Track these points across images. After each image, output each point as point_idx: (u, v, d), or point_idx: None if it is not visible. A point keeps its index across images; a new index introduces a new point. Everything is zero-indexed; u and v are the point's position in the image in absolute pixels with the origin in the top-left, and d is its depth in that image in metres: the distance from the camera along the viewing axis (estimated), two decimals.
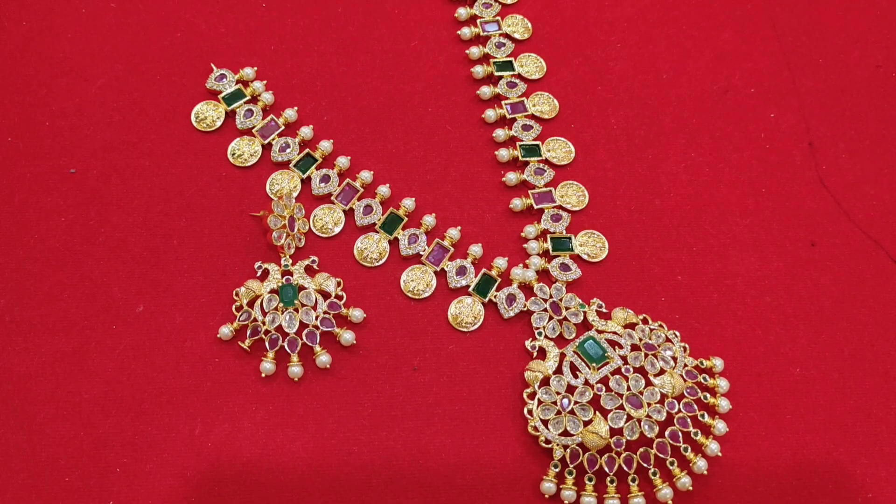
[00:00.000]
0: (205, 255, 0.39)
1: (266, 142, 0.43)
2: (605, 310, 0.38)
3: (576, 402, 0.34)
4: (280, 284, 0.37)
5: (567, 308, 0.38)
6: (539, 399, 0.35)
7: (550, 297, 0.38)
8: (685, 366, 0.36)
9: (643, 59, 0.47)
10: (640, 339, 0.36)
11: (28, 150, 0.42)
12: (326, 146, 0.42)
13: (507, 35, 0.48)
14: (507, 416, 0.36)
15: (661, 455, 0.34)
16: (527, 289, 0.39)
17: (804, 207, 0.42)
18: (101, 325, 0.37)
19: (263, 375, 0.36)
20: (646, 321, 0.38)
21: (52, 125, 0.43)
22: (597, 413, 0.34)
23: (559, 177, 0.43)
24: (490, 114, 0.44)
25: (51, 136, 0.42)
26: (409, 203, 0.41)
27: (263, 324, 0.37)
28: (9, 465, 0.34)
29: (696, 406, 0.35)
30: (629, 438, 0.34)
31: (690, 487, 0.34)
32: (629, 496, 0.34)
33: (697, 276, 0.40)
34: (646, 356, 0.35)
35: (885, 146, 0.44)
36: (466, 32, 0.47)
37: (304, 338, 0.37)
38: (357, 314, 0.37)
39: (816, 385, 0.37)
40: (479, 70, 0.45)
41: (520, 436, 0.35)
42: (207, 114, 0.43)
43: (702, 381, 0.36)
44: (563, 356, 0.36)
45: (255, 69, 0.45)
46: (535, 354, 0.37)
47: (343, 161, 0.42)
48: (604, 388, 0.35)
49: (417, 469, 0.35)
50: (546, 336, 0.37)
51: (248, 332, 0.37)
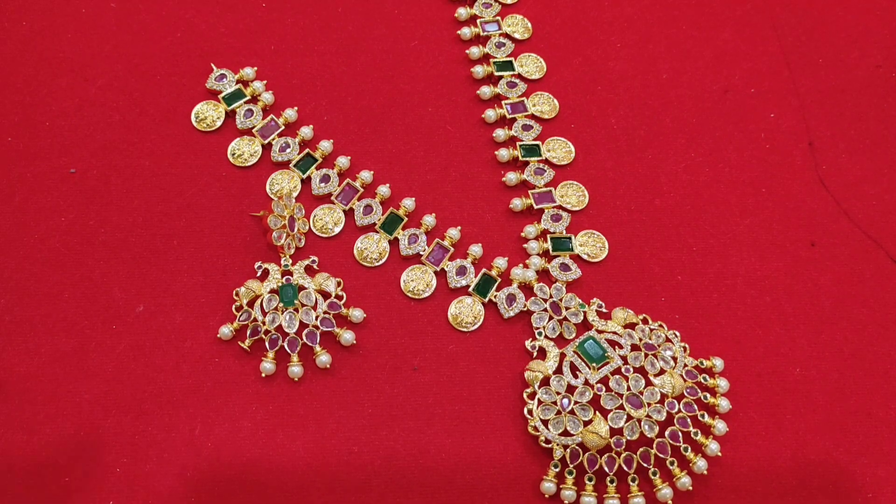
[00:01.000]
0: (205, 255, 0.39)
1: (266, 142, 0.43)
2: (605, 310, 0.38)
3: (576, 402, 0.34)
4: (280, 284, 0.37)
5: (567, 308, 0.38)
6: (539, 399, 0.35)
7: (550, 297, 0.38)
8: (685, 366, 0.36)
9: (643, 59, 0.47)
10: (640, 339, 0.36)
11: (28, 150, 0.42)
12: (326, 146, 0.42)
13: (507, 35, 0.48)
14: (508, 416, 0.36)
15: (661, 455, 0.34)
16: (527, 289, 0.39)
17: (804, 207, 0.42)
18: (101, 325, 0.37)
19: (263, 375, 0.36)
20: (646, 321, 0.38)
21: (52, 125, 0.43)
22: (597, 413, 0.34)
23: (559, 177, 0.43)
24: (490, 114, 0.44)
25: (51, 136, 0.42)
26: (409, 203, 0.41)
27: (263, 324, 0.37)
28: (9, 465, 0.34)
29: (696, 406, 0.35)
30: (629, 438, 0.34)
31: (690, 487, 0.34)
32: (629, 496, 0.34)
33: (697, 276, 0.40)
34: (646, 356, 0.35)
35: (885, 146, 0.44)
36: (466, 32, 0.47)
37: (304, 338, 0.37)
38: (357, 314, 0.37)
39: (816, 385, 0.37)
40: (479, 70, 0.45)
41: (520, 436, 0.35)
42: (207, 114, 0.43)
43: (702, 381, 0.36)
44: (563, 356, 0.36)
45: (255, 69, 0.45)
46: (535, 354, 0.37)
47: (343, 161, 0.42)
48: (604, 388, 0.35)
49: (417, 469, 0.35)
50: (546, 336, 0.37)
51: (249, 332, 0.37)
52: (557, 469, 0.34)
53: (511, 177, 0.42)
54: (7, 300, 0.38)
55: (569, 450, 0.34)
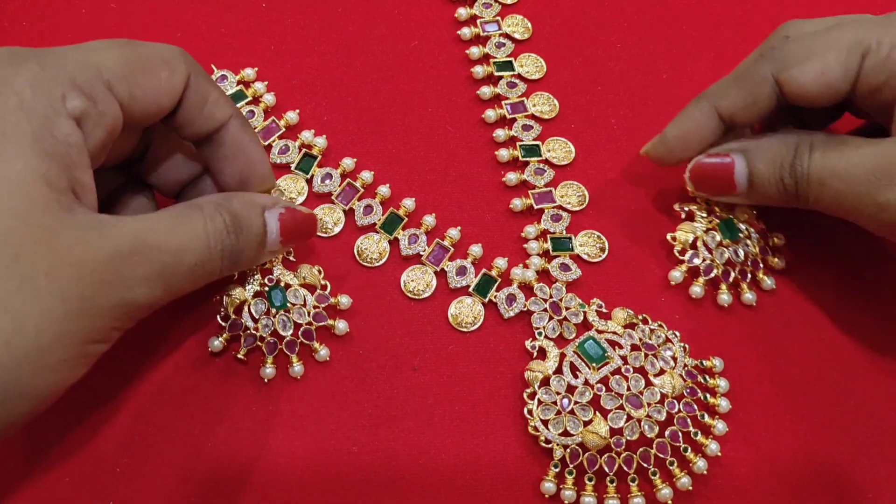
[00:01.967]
0: None
1: (266, 143, 0.43)
2: (605, 310, 0.38)
3: (576, 403, 0.34)
4: (267, 289, 0.36)
5: (567, 308, 0.38)
6: (539, 399, 0.35)
7: (550, 298, 0.38)
8: (685, 366, 0.36)
9: (643, 60, 0.47)
10: (640, 340, 0.36)
11: None
12: (321, 142, 0.42)
13: (507, 35, 0.47)
14: (508, 417, 0.36)
15: (661, 455, 0.34)
16: (527, 289, 0.39)
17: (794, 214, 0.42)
18: None
19: (266, 381, 0.36)
20: (646, 321, 0.37)
21: None
22: (597, 413, 0.34)
23: (559, 177, 0.43)
24: (490, 114, 0.44)
25: None
26: (409, 203, 0.41)
27: (256, 330, 0.36)
28: (8, 465, 0.34)
29: (696, 406, 0.35)
30: (629, 438, 0.34)
31: (690, 487, 0.34)
32: (629, 496, 0.34)
33: None
34: (646, 356, 0.35)
35: None
36: (466, 32, 0.47)
37: (302, 337, 0.36)
38: (345, 301, 0.37)
39: (816, 385, 0.37)
40: (479, 70, 0.45)
41: (520, 436, 0.35)
42: None
43: (701, 382, 0.36)
44: (563, 356, 0.36)
45: (256, 70, 0.45)
46: (535, 354, 0.37)
47: (348, 162, 0.42)
48: (604, 389, 0.35)
49: (417, 469, 0.35)
50: (546, 336, 0.37)
51: (243, 342, 0.36)
52: (557, 469, 0.34)
53: (511, 177, 0.42)
54: None
55: (569, 450, 0.34)
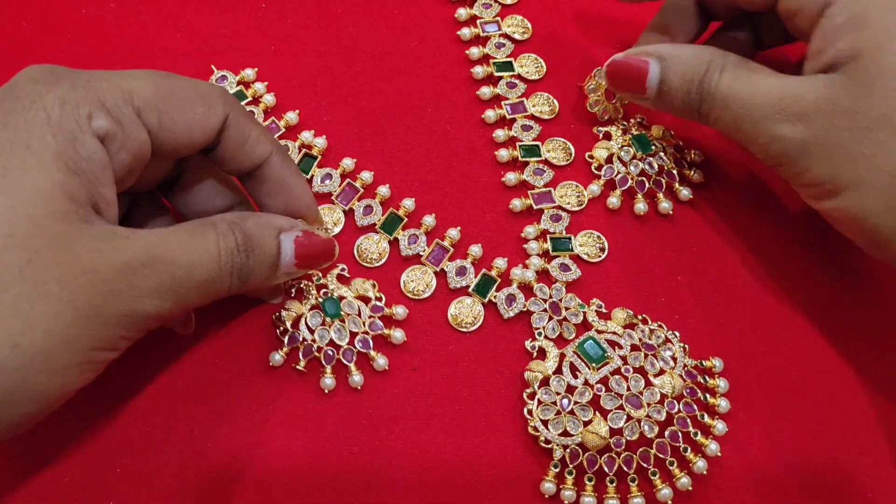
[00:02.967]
0: None
1: None
2: (605, 310, 0.38)
3: (575, 403, 0.34)
4: (321, 300, 0.37)
5: (567, 308, 0.38)
6: (539, 399, 0.35)
7: (550, 298, 0.38)
8: (685, 366, 0.36)
9: None
10: (640, 340, 0.36)
11: None
12: (321, 143, 0.42)
13: (507, 35, 0.47)
14: (507, 416, 0.36)
15: (661, 455, 0.34)
16: (526, 289, 0.39)
17: (803, 207, 0.42)
18: None
19: (326, 392, 0.36)
20: (645, 321, 0.38)
21: None
22: (596, 413, 0.34)
23: (558, 177, 0.43)
24: (490, 114, 0.44)
25: None
26: (409, 203, 0.41)
27: (314, 342, 0.36)
28: (8, 466, 0.34)
29: (696, 406, 0.35)
30: (629, 439, 0.34)
31: (690, 488, 0.34)
32: (629, 496, 0.34)
33: (697, 277, 0.40)
34: (645, 356, 0.35)
35: None
36: (466, 33, 0.47)
37: (358, 345, 0.36)
38: (400, 311, 0.37)
39: (816, 385, 0.37)
40: (479, 70, 0.45)
41: (519, 435, 0.35)
42: None
43: (701, 382, 0.36)
44: (563, 356, 0.36)
45: (256, 70, 0.45)
46: (535, 355, 0.37)
47: (348, 162, 0.42)
48: (603, 389, 0.35)
49: (417, 469, 0.35)
50: (546, 336, 0.37)
51: (301, 353, 0.36)
52: (557, 469, 0.34)
53: (510, 177, 0.42)
54: None
55: (569, 450, 0.34)
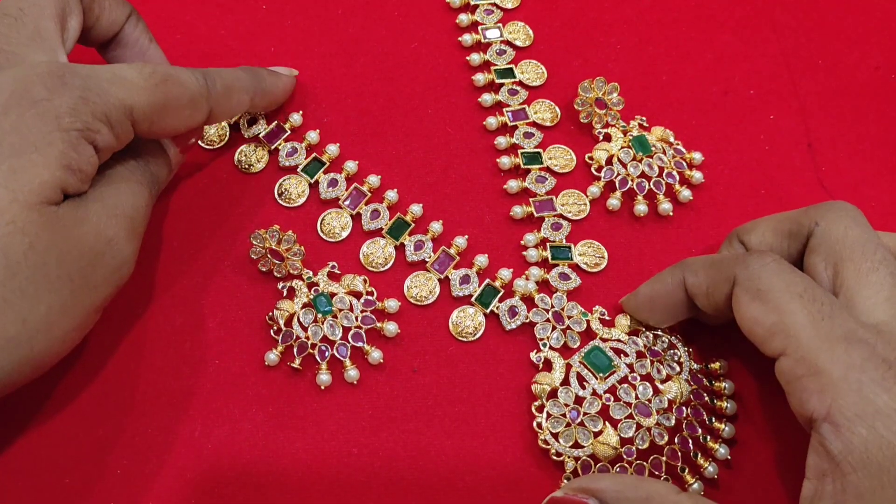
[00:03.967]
0: (205, 257, 0.39)
1: (273, 147, 0.42)
2: (608, 317, 0.38)
3: (585, 414, 0.34)
4: (311, 297, 0.37)
5: (569, 317, 0.38)
6: (548, 412, 0.35)
7: (552, 307, 0.38)
8: (690, 370, 0.36)
9: (642, 62, 0.47)
10: (645, 346, 0.36)
11: None
12: (333, 150, 0.42)
13: (508, 42, 0.47)
14: (507, 418, 0.36)
15: (672, 462, 0.34)
16: (528, 300, 0.38)
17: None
18: (101, 326, 0.37)
19: (322, 388, 0.36)
20: (649, 327, 0.37)
21: None
22: (606, 423, 0.34)
23: (560, 185, 0.42)
24: (491, 121, 0.44)
25: None
26: (417, 209, 0.40)
27: (307, 339, 0.36)
28: (9, 466, 0.34)
29: (703, 409, 0.35)
30: (640, 447, 0.34)
31: (702, 493, 0.34)
32: None
33: None
34: (651, 363, 0.35)
35: (885, 148, 0.44)
36: (468, 39, 0.47)
37: (352, 340, 0.37)
38: (392, 304, 0.38)
39: None
40: (481, 77, 0.45)
41: (519, 437, 0.35)
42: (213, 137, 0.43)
43: (707, 385, 0.36)
44: (570, 367, 0.36)
45: None
46: (542, 366, 0.37)
47: (351, 165, 0.42)
48: (612, 398, 0.35)
49: (417, 471, 0.35)
50: (550, 347, 0.37)
51: (296, 351, 0.36)
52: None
53: (512, 184, 0.42)
54: None
55: (580, 462, 0.34)
